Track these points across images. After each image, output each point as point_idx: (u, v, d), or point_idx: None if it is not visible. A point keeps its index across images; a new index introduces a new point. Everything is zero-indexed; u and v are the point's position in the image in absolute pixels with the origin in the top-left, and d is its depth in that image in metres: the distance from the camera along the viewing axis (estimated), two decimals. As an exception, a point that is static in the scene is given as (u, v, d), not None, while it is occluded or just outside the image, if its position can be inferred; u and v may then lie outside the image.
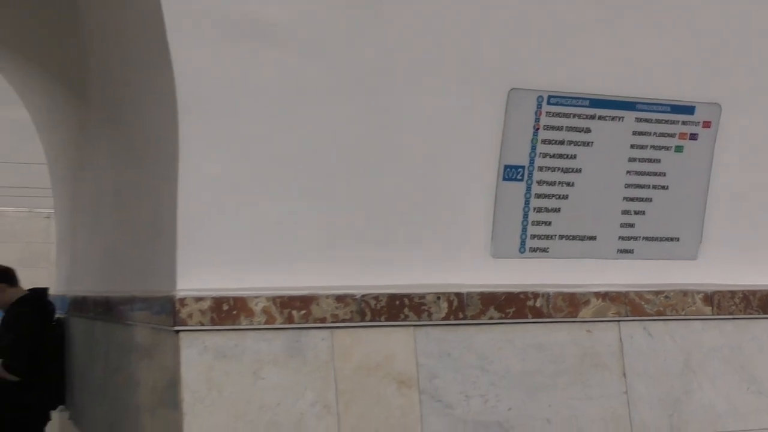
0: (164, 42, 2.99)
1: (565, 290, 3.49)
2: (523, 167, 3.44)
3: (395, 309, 3.24)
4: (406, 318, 3.25)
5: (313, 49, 3.14)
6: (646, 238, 3.65)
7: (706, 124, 3.62)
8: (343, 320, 3.18)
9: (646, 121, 3.53)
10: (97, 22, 4.15)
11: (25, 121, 6.92)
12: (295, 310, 3.13)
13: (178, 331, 3.01)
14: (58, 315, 6.07)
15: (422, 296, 3.28)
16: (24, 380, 5.81)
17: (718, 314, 3.69)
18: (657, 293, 3.61)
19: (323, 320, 3.16)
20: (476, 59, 3.32)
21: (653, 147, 3.58)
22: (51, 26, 4.84)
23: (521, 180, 3.45)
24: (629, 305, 3.56)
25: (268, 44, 3.07)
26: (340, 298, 3.19)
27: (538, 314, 3.43)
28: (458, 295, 3.32)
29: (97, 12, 4.07)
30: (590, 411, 3.43)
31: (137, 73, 3.56)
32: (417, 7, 3.23)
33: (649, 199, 3.62)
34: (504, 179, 3.42)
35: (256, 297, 3.10)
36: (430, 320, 3.28)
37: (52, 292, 6.30)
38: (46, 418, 6.15)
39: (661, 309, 3.60)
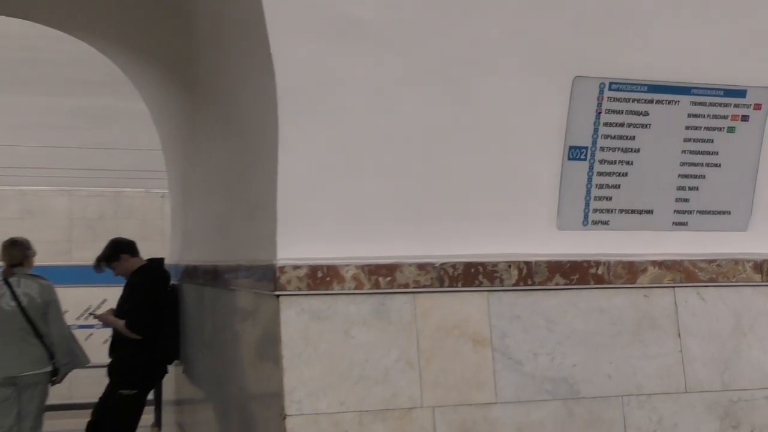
0: (265, 40, 3.02)
1: (625, 259, 3.44)
2: (586, 148, 3.40)
3: (470, 276, 3.24)
4: (480, 284, 3.24)
5: (399, 43, 3.14)
6: (700, 212, 3.58)
7: (757, 107, 3.53)
8: (424, 286, 3.19)
9: (701, 104, 3.46)
10: (205, 23, 4.20)
11: (143, 113, 7.02)
12: (381, 276, 3.15)
13: (278, 296, 3.06)
14: (172, 282, 6.17)
15: (495, 264, 3.27)
16: (144, 338, 5.92)
17: (767, 281, 3.60)
18: (710, 262, 3.53)
19: (406, 286, 3.17)
20: (544, 50, 3.28)
21: (707, 128, 3.50)
22: (165, 28, 4.91)
23: (584, 159, 3.41)
24: (683, 273, 3.49)
25: (358, 39, 3.08)
26: (421, 266, 3.19)
27: (599, 281, 3.40)
28: (527, 263, 3.30)
29: (206, 14, 4.12)
30: (647, 368, 3.38)
31: (240, 68, 3.60)
32: (492, 4, 3.20)
33: (703, 176, 3.55)
34: (569, 159, 3.39)
35: (347, 265, 3.12)
36: (502, 286, 3.27)
37: (166, 262, 6.41)
38: (164, 371, 6.28)
39: (714, 276, 3.53)
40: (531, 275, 3.30)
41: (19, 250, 6.57)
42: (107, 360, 6.19)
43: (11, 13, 6.05)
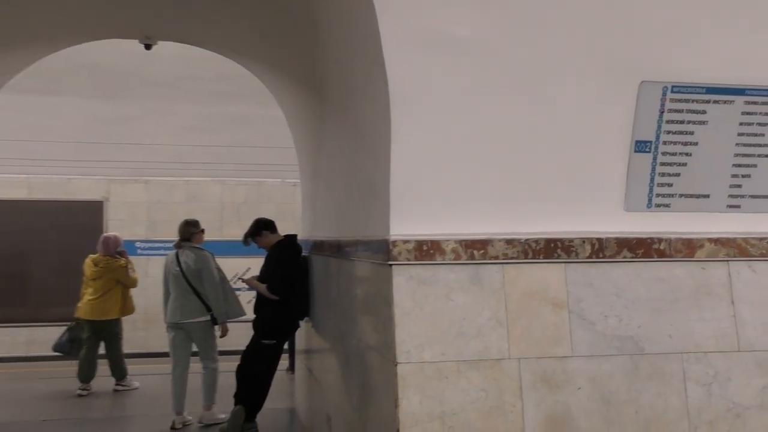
0: (380, 54, 3.03)
1: (684, 236, 3.32)
2: (650, 142, 3.29)
3: (550, 250, 3.19)
4: (558, 257, 3.19)
5: (489, 55, 3.10)
6: (752, 196, 3.42)
7: (804, 105, 3.34)
8: (511, 258, 3.15)
9: (753, 103, 3.30)
10: (331, 42, 4.24)
11: (279, 117, 7.14)
12: (476, 250, 3.13)
13: (391, 265, 3.08)
14: (303, 253, 6.28)
15: (571, 240, 3.20)
16: (281, 299, 6.05)
17: (811, 256, 3.42)
18: (760, 239, 3.37)
19: (496, 258, 3.14)
20: (614, 58, 3.19)
21: (759, 124, 3.34)
22: (297, 47, 4.97)
23: (649, 152, 3.31)
24: (737, 248, 3.35)
25: (455, 52, 3.06)
26: (509, 241, 3.16)
27: (661, 255, 3.29)
28: (599, 239, 3.23)
29: (331, 34, 4.16)
30: (704, 329, 3.26)
31: (359, 78, 3.62)
32: (567, 18, 3.13)
33: (755, 165, 3.39)
34: (635, 151, 3.29)
35: (447, 240, 3.12)
36: (577, 258, 3.20)
37: (299, 237, 6.53)
38: (297, 326, 6.40)
39: (764, 251, 3.36)
40: (602, 249, 3.23)
41: (187, 229, 6.91)
42: (252, 316, 6.38)
43: (175, 38, 6.25)
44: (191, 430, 6.42)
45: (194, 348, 6.75)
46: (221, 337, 6.76)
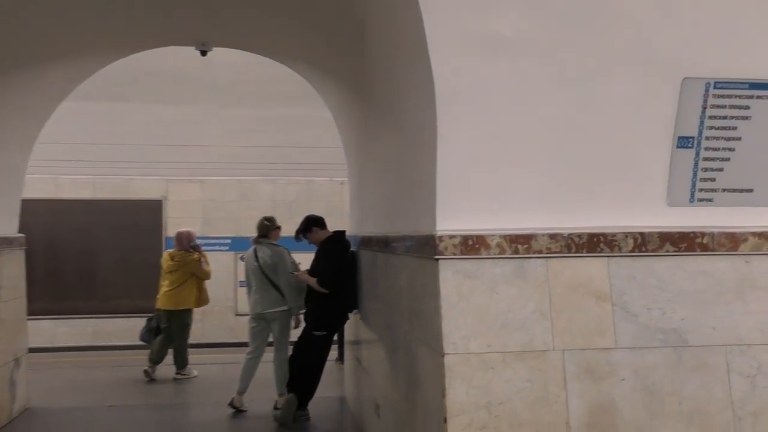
0: (426, 54, 3.00)
1: (727, 230, 3.22)
2: (693, 137, 3.20)
3: (593, 244, 3.12)
4: (601, 251, 3.12)
5: (535, 54, 3.06)
6: (796, 190, 3.30)
7: None
8: (555, 252, 3.10)
9: (797, 98, 3.18)
10: (377, 44, 4.23)
11: (327, 118, 7.17)
12: (520, 244, 3.09)
13: (437, 259, 3.05)
14: (352, 249, 6.28)
15: (614, 235, 3.14)
16: (330, 292, 6.07)
17: None
18: (806, 233, 3.26)
19: (540, 252, 3.10)
20: (657, 56, 3.12)
21: (802, 118, 3.22)
22: (345, 50, 4.97)
23: (691, 147, 3.22)
24: (781, 242, 3.24)
25: (501, 52, 3.02)
26: (552, 236, 3.11)
27: (704, 248, 3.20)
28: (641, 234, 3.15)
29: (377, 36, 4.15)
30: (748, 322, 3.16)
31: (405, 78, 3.60)
32: (611, 17, 3.07)
33: (799, 160, 3.27)
34: (677, 147, 3.20)
35: (492, 235, 3.08)
36: (620, 252, 3.13)
37: (347, 233, 6.54)
38: (346, 318, 6.41)
39: (809, 245, 3.25)
40: (645, 243, 3.15)
41: (264, 226, 7.04)
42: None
43: (228, 45, 6.31)
44: (258, 417, 6.48)
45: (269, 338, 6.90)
46: (294, 327, 6.86)
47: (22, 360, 6.45)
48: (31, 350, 7.00)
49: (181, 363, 8.20)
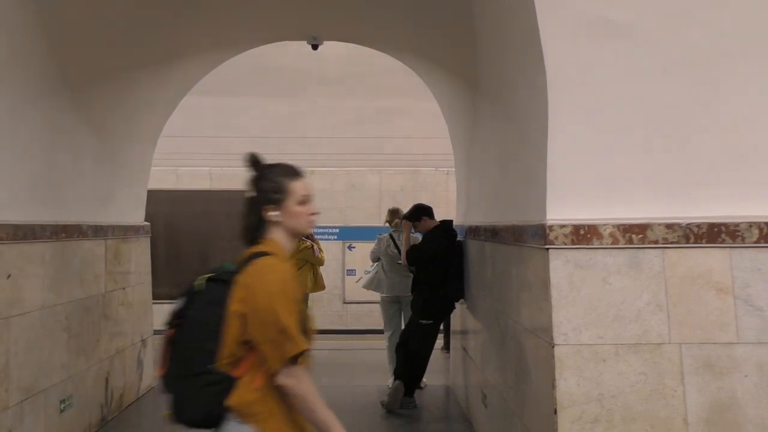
0: (537, 42, 2.96)
1: None
2: (825, 121, 2.99)
3: (714, 234, 2.99)
4: (723, 241, 2.98)
5: (650, 39, 2.95)
6: None
7: None
8: (672, 242, 2.99)
9: None
10: (486, 32, 4.19)
11: (434, 108, 7.17)
12: (634, 234, 3.00)
13: (547, 249, 3.01)
14: (459, 238, 6.27)
15: (737, 225, 2.98)
16: (438, 281, 6.09)
17: None
18: None
19: (656, 242, 2.99)
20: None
21: None
22: (453, 39, 4.95)
23: (823, 132, 3.00)
24: None
25: (614, 38, 2.94)
26: (669, 226, 3.00)
27: (837, 240, 2.99)
28: (767, 224, 2.98)
29: (487, 25, 4.11)
30: None
31: (515, 67, 3.56)
32: (723, 4, 2.91)
33: None
34: (808, 131, 3.00)
35: (605, 225, 3.00)
36: (743, 243, 2.98)
37: (454, 223, 6.53)
38: (452, 307, 6.41)
39: None
40: (771, 234, 2.98)
41: (391, 215, 7.41)
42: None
43: (338, 38, 6.42)
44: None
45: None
46: None
47: (148, 341, 6.84)
48: (156, 332, 7.42)
49: None
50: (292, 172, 2.33)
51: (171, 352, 2.17)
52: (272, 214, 2.27)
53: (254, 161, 2.37)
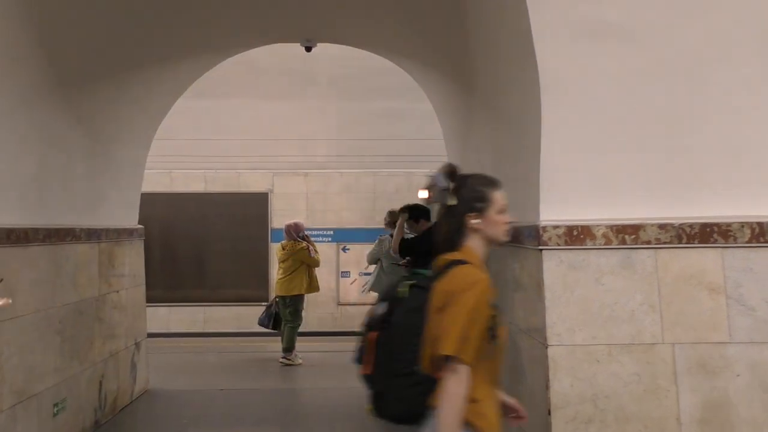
0: (530, 45, 2.97)
1: None
2: (816, 122, 3.01)
3: (706, 234, 3.00)
4: (715, 241, 3.00)
5: (641, 40, 2.97)
6: None
7: None
8: (664, 242, 3.00)
9: None
10: (479, 35, 4.19)
11: (428, 111, 7.17)
12: (627, 234, 3.01)
13: (541, 250, 3.02)
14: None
15: (729, 225, 3.00)
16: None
17: None
18: None
19: (648, 242, 3.00)
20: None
21: None
22: (446, 42, 4.96)
23: (814, 132, 3.02)
24: None
25: (606, 39, 2.95)
26: (661, 226, 3.01)
27: (829, 240, 3.01)
28: (759, 223, 3.00)
29: (480, 28, 4.12)
30: None
31: (508, 69, 3.56)
32: (714, 6, 2.93)
33: None
34: (799, 132, 3.02)
35: (597, 225, 3.01)
36: (735, 243, 2.99)
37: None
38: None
39: None
40: (763, 233, 3.00)
41: (391, 217, 7.39)
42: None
43: (332, 40, 6.43)
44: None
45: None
46: None
47: (141, 344, 6.82)
48: (150, 335, 7.40)
49: (288, 347, 8.48)
50: (493, 182, 2.42)
51: (376, 353, 2.31)
52: (474, 222, 2.34)
53: (452, 171, 2.45)
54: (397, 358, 2.25)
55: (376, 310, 2.37)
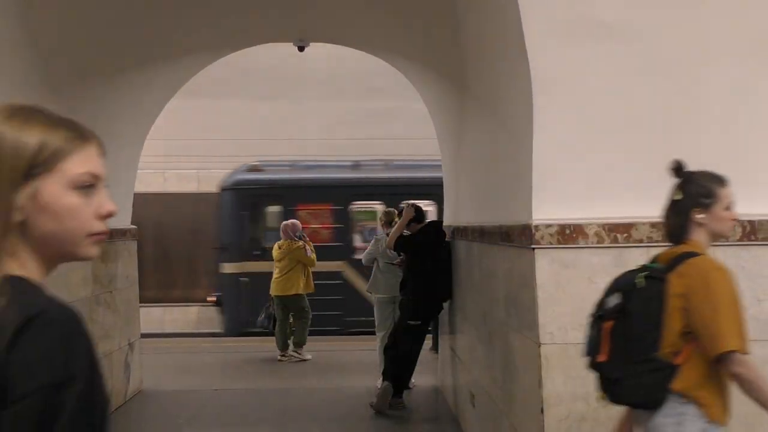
0: (522, 43, 2.98)
1: None
2: (807, 120, 3.03)
3: (698, 233, 3.01)
4: (707, 239, 3.01)
5: (634, 40, 2.98)
6: None
7: None
8: (656, 241, 3.00)
9: None
10: (471, 34, 4.21)
11: (421, 110, 7.17)
12: (619, 233, 3.02)
13: (533, 248, 3.02)
14: (447, 239, 6.29)
15: (720, 223, 3.01)
16: (424, 281, 6.11)
17: None
18: None
19: (641, 241, 3.01)
20: (763, 38, 2.96)
21: None
22: (439, 41, 4.98)
23: (805, 131, 3.04)
24: None
25: (599, 39, 2.96)
26: (654, 225, 3.01)
27: (820, 237, 3.03)
28: (750, 222, 3.02)
29: (472, 27, 4.13)
30: None
31: (501, 68, 3.58)
32: (707, 6, 2.95)
33: None
34: (789, 131, 3.04)
35: (590, 224, 3.02)
36: (727, 241, 3.00)
37: (444, 224, 6.55)
38: (440, 307, 6.42)
39: None
40: (754, 232, 3.02)
41: (387, 216, 7.33)
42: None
43: (326, 39, 6.43)
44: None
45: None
46: None
47: (135, 345, 6.81)
48: (143, 336, 7.39)
49: (298, 342, 8.52)
50: (721, 179, 2.46)
51: (613, 341, 2.36)
52: (700, 216, 2.39)
53: (679, 167, 2.50)
54: (637, 345, 2.32)
55: (607, 301, 2.42)
